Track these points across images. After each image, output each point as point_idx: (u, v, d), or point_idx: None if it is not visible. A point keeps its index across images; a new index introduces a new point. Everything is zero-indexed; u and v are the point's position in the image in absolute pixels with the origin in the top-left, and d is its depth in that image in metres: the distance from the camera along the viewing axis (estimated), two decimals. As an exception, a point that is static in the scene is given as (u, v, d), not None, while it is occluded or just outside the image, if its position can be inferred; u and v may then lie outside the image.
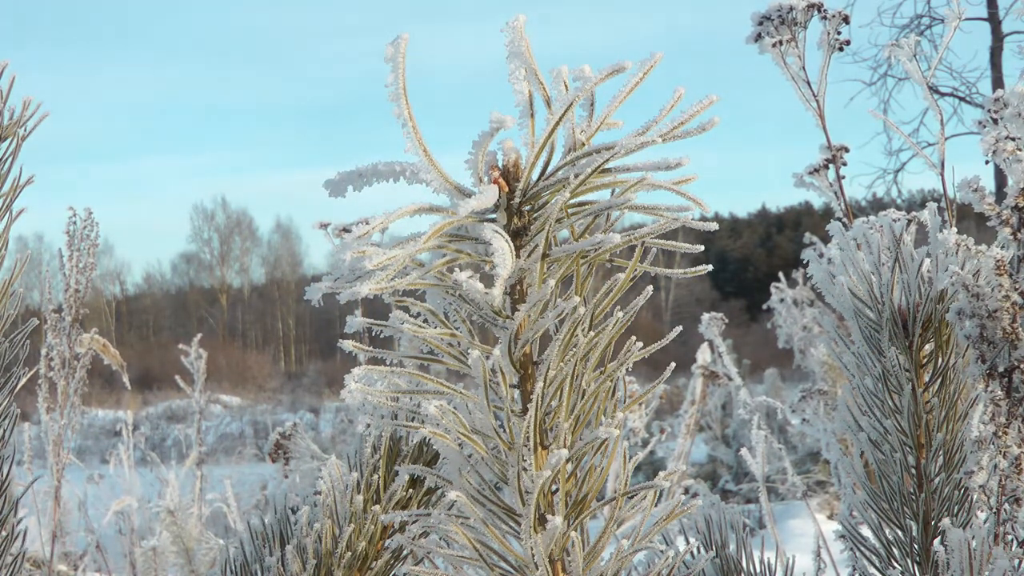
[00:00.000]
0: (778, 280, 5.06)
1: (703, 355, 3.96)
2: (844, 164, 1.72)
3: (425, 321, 0.82)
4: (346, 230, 2.69)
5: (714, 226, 0.80)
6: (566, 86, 0.77)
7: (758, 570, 1.17)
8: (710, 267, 0.84)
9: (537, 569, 0.76)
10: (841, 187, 1.72)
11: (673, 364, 0.88)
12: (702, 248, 0.83)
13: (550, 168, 0.78)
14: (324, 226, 2.84)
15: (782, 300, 5.01)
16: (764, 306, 5.09)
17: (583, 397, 0.80)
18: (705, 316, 3.95)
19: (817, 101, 1.67)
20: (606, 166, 0.75)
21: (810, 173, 1.73)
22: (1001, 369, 1.04)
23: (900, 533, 1.15)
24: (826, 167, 1.72)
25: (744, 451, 3.18)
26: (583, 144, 0.78)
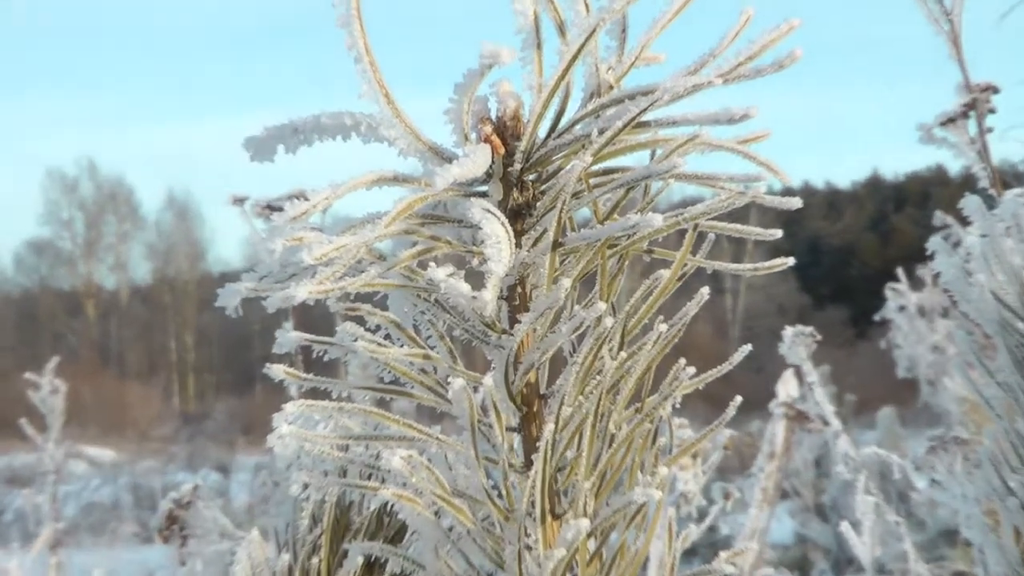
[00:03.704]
0: (896, 279, 5.08)
1: (786, 387, 3.97)
2: (991, 111, 1.74)
3: (387, 337, 0.84)
4: (274, 208, 2.71)
5: (798, 202, 0.82)
6: (586, 5, 0.78)
7: None
8: (792, 261, 0.86)
9: None
10: (985, 144, 1.73)
11: (739, 399, 0.89)
12: (781, 233, 0.85)
13: (564, 121, 0.80)
14: (240, 201, 2.86)
15: (902, 308, 5.02)
16: (876, 317, 5.10)
17: (611, 445, 0.82)
18: (789, 331, 3.96)
19: (951, 21, 1.69)
20: (643, 118, 0.77)
21: (942, 124, 1.75)
22: None
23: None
24: (965, 116, 1.74)
25: (846, 527, 3.19)
26: (611, 87, 0.79)
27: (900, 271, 5.16)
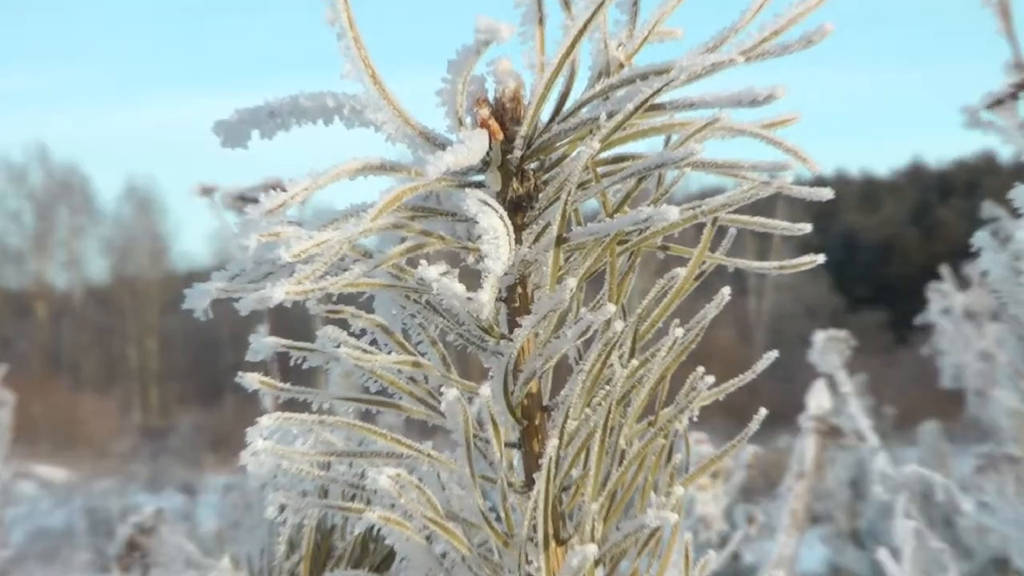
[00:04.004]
0: (940, 278, 5.08)
1: (817, 399, 3.98)
2: (1044, 92, 1.75)
3: (373, 343, 0.84)
4: (247, 199, 2.71)
5: (829, 193, 0.82)
6: (594, -25, 0.79)
7: None
8: (822, 258, 0.87)
9: None
10: (1038, 129, 1.74)
11: (764, 412, 0.90)
12: (810, 227, 0.86)
13: (569, 103, 0.80)
14: (208, 192, 2.87)
15: (947, 311, 5.02)
16: (918, 320, 5.11)
17: (621, 463, 0.83)
18: (820, 336, 3.97)
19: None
20: (657, 100, 0.77)
21: (989, 106, 1.76)
22: None
23: None
24: (1014, 97, 1.75)
25: (884, 555, 3.19)
26: (621, 66, 0.80)
27: (944, 269, 5.16)
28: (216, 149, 0.79)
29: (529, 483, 0.82)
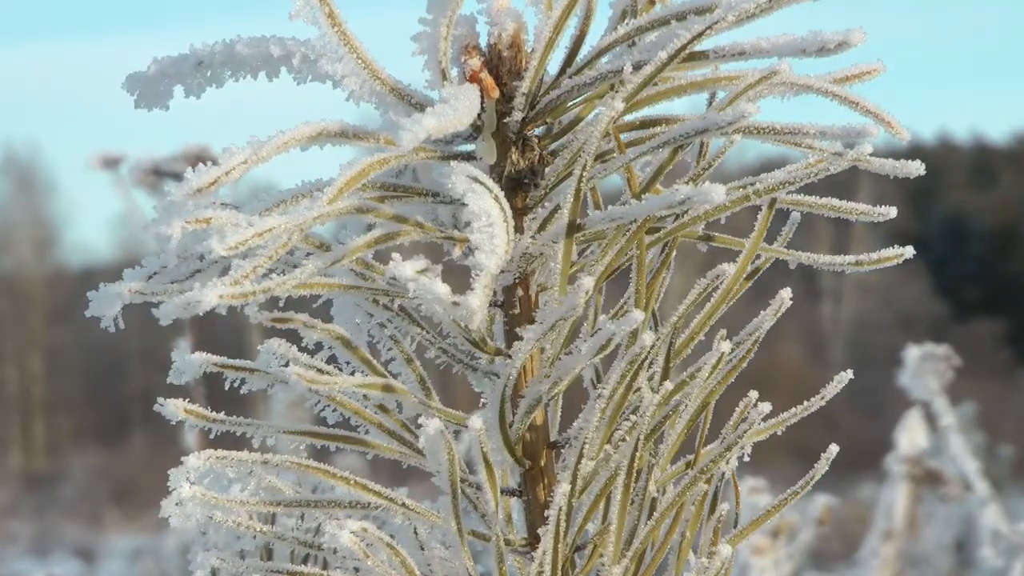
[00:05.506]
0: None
1: (911, 435, 3.98)
2: None
3: (331, 360, 0.85)
4: (165, 174, 2.72)
5: (919, 167, 0.83)
6: None
7: None
8: (911, 251, 0.88)
9: None
10: None
11: (836, 449, 0.90)
12: (894, 212, 0.87)
13: (584, 51, 0.81)
14: (112, 164, 2.87)
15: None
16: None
17: (652, 515, 0.83)
18: (914, 352, 3.98)
19: None
20: (698, 46, 0.78)
21: None
22: None
23: None
24: None
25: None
26: (652, 2, 0.81)
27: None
28: (125, 110, 0.80)
29: (533, 541, 0.83)
